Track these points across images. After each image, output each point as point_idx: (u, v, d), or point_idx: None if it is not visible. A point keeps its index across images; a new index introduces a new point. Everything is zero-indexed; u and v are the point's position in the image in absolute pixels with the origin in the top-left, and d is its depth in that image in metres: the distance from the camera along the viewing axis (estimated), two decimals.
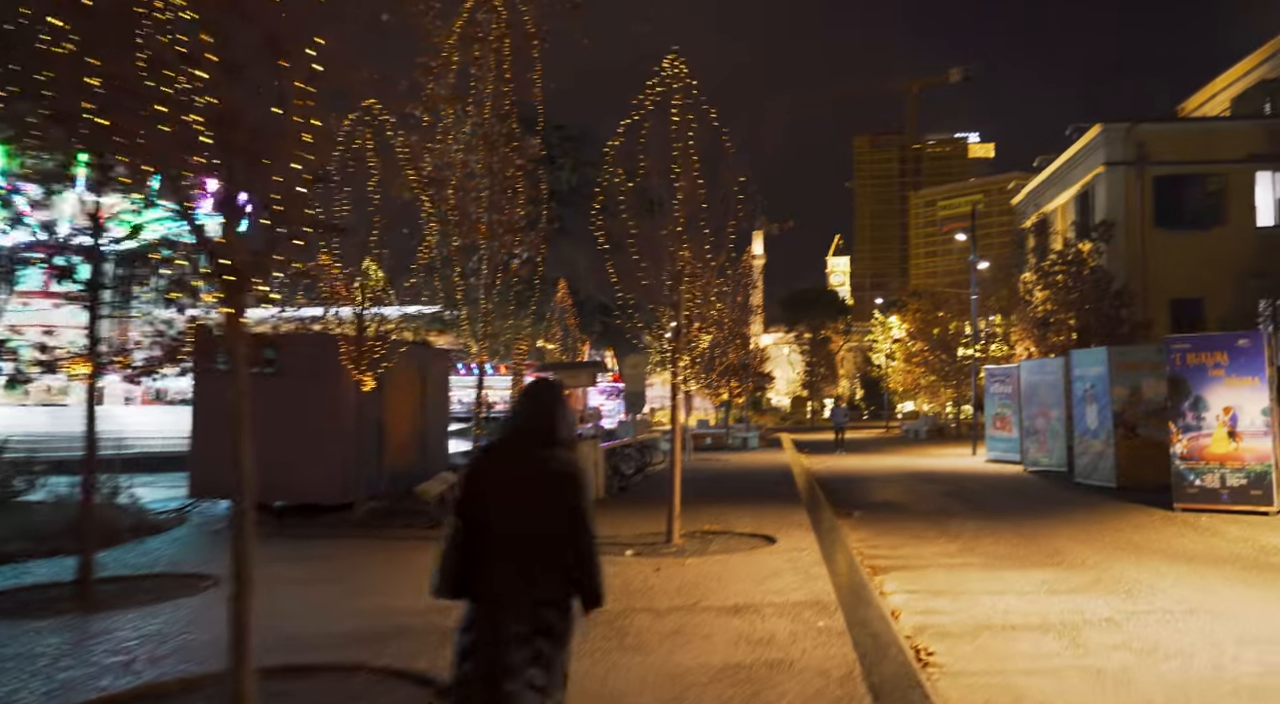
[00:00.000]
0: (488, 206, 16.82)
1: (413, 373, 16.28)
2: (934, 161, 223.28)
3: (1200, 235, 28.83)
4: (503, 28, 16.84)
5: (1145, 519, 12.31)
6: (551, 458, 3.41)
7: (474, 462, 3.57)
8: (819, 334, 66.15)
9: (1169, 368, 13.02)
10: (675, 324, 10.41)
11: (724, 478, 19.63)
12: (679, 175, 10.35)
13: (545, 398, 3.57)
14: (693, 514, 12.99)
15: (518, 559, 3.31)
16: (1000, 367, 24.44)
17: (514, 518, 3.34)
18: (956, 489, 16.97)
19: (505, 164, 16.82)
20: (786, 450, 29.24)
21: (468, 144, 16.76)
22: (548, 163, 37.74)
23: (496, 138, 16.61)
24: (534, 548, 3.33)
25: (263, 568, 10.03)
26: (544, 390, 3.62)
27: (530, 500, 3.36)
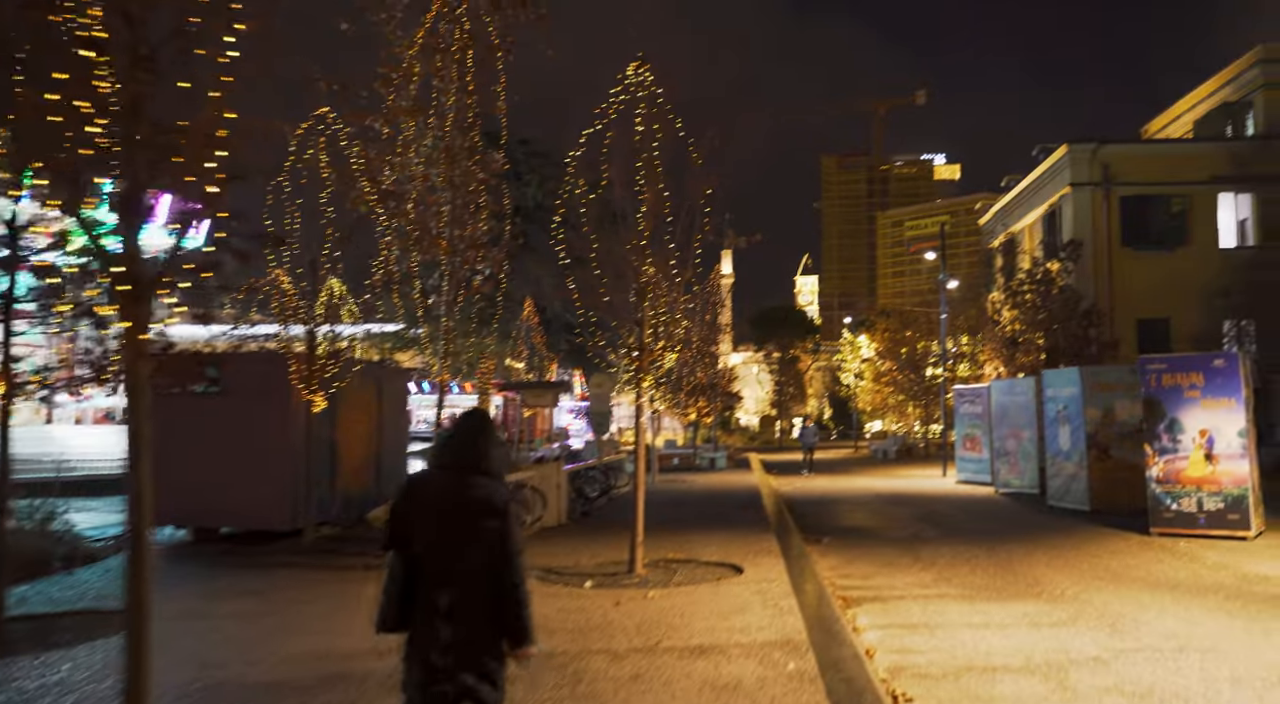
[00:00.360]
0: (449, 221, 16.31)
1: (368, 392, 15.66)
2: (901, 182, 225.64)
3: (1166, 256, 29.00)
4: (465, 38, 16.39)
5: (1122, 545, 11.97)
6: (479, 488, 3.34)
7: (401, 493, 3.48)
8: (788, 353, 66.01)
9: (1144, 389, 12.74)
10: (639, 342, 9.93)
11: (690, 501, 19.14)
12: (644, 187, 9.92)
13: (474, 427, 3.50)
14: (657, 540, 12.48)
15: (447, 593, 3.24)
16: (970, 386, 24.22)
17: (442, 550, 3.28)
18: (928, 512, 16.59)
19: (467, 178, 16.34)
20: (755, 471, 28.80)
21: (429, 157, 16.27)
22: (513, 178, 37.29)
23: (458, 151, 16.14)
24: (463, 581, 3.26)
25: (194, 602, 9.45)
26: (473, 420, 3.54)
27: (457, 532, 3.28)
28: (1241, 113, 31.43)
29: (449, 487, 3.37)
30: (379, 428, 16.05)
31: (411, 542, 3.33)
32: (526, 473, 14.33)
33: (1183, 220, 29.45)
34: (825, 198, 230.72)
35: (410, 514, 3.38)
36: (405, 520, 3.38)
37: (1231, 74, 31.62)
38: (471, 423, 3.53)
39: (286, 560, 11.65)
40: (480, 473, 3.38)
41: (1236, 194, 29.31)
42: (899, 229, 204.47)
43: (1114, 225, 29.38)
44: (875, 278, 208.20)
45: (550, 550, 11.90)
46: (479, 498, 3.32)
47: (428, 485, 3.46)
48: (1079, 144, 29.70)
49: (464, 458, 3.41)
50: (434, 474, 3.49)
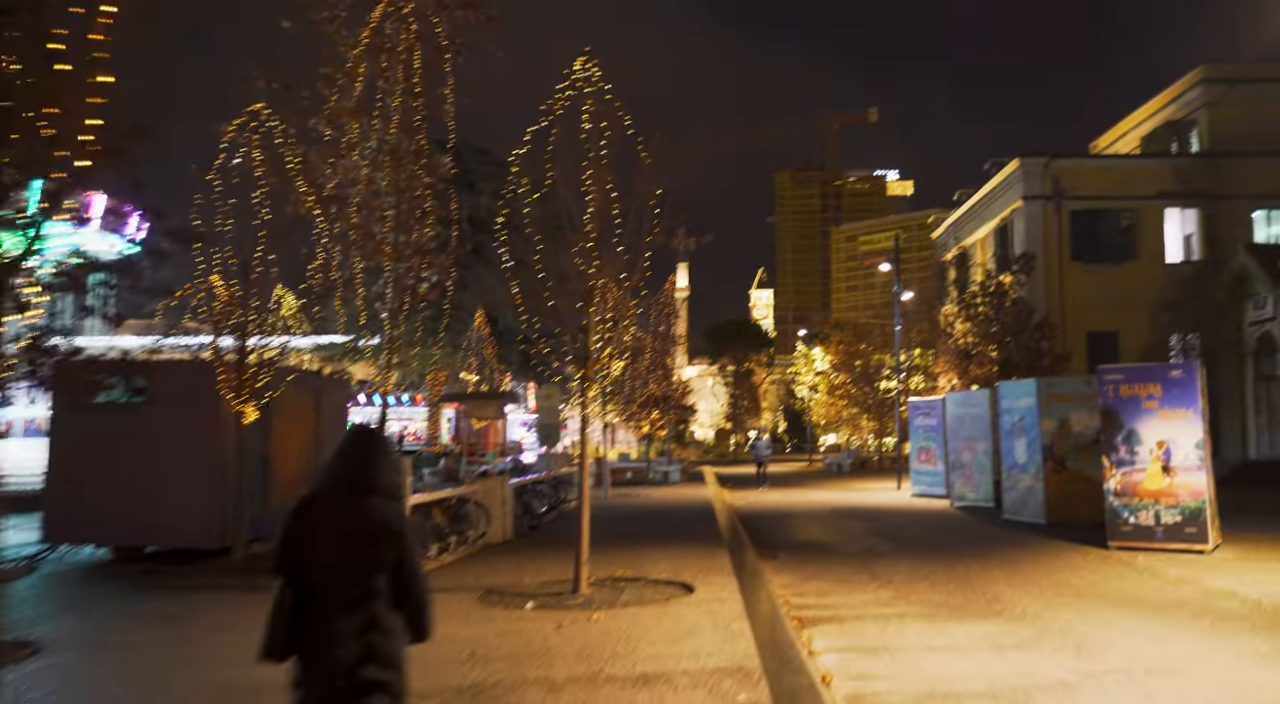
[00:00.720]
0: (394, 226, 15.72)
1: (305, 402, 14.96)
2: (854, 198, 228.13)
3: (1114, 270, 29.28)
4: (412, 38, 15.84)
5: (1081, 560, 11.71)
6: (375, 509, 3.22)
7: (291, 515, 3.29)
8: (742, 366, 65.94)
9: (1101, 400, 12.54)
10: (584, 349, 9.44)
11: (642, 515, 18.65)
12: (590, 187, 9.46)
13: (366, 444, 3.38)
14: (606, 557, 11.96)
15: (341, 615, 3.10)
16: (924, 399, 24.08)
17: (339, 574, 3.15)
18: (883, 526, 16.28)
19: (413, 182, 15.77)
20: (709, 485, 28.41)
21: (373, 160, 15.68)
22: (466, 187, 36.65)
23: (404, 154, 15.57)
24: (357, 603, 3.12)
25: (102, 630, 8.73)
26: (365, 437, 3.43)
27: (354, 555, 3.15)
28: (1186, 130, 31.94)
29: (343, 509, 3.23)
30: (316, 440, 15.33)
31: (303, 566, 3.18)
32: (470, 487, 13.73)
33: (1131, 235, 29.80)
34: (780, 212, 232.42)
35: (302, 537, 3.22)
36: (297, 544, 3.22)
37: (1176, 92, 32.14)
38: (362, 441, 3.40)
39: (211, 582, 10.91)
40: (374, 493, 3.26)
41: (1182, 209, 29.72)
42: (853, 244, 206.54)
43: (1064, 239, 29.62)
44: (829, 292, 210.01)
45: (492, 569, 11.33)
46: (375, 520, 3.20)
47: (320, 507, 3.27)
48: (1031, 158, 29.93)
49: (356, 478, 3.27)
50: (325, 496, 3.29)
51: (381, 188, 15.83)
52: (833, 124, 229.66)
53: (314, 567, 3.16)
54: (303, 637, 3.13)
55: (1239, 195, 29.03)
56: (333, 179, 15.08)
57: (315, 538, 3.19)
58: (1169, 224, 29.87)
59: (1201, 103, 30.91)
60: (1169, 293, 28.44)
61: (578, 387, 9.69)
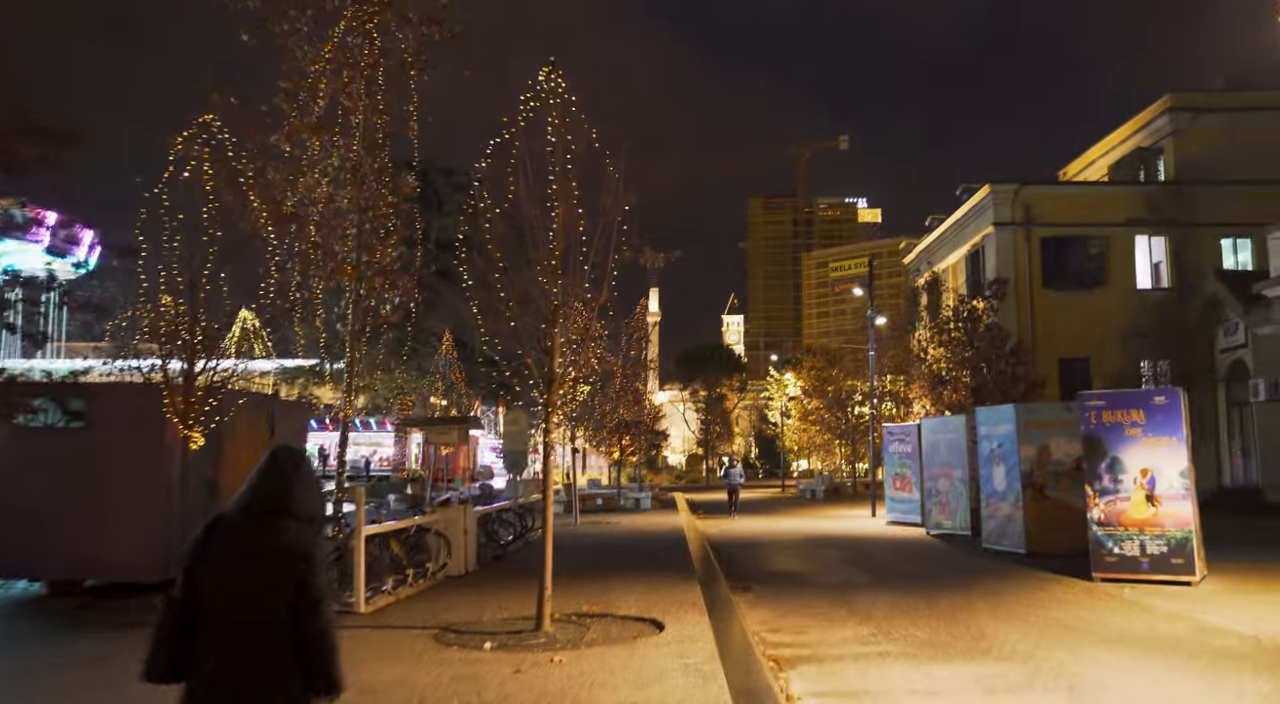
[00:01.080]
0: (355, 246, 15.18)
1: (258, 427, 14.27)
2: (825, 224, 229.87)
3: (1085, 296, 29.29)
4: (376, 54, 15.39)
5: (1066, 592, 11.28)
6: (283, 532, 3.13)
7: (197, 537, 3.19)
8: (714, 391, 65.58)
9: (1084, 427, 12.18)
10: (548, 372, 8.92)
11: (611, 544, 18.04)
12: (555, 202, 8.98)
13: (284, 466, 3.27)
14: (572, 590, 11.39)
15: (242, 645, 3.00)
16: (899, 425, 23.73)
17: (240, 598, 3.05)
18: (859, 556, 15.80)
19: (376, 200, 15.26)
20: (681, 512, 27.82)
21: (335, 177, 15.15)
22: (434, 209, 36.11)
23: (367, 172, 15.06)
24: (260, 632, 3.02)
25: (23, 675, 8.03)
26: (283, 458, 3.31)
27: (257, 579, 3.07)
28: (1153, 158, 32.18)
29: (251, 530, 3.13)
30: None
31: (203, 587, 3.08)
32: (430, 517, 13.08)
33: (1101, 262, 29.86)
34: (751, 238, 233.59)
35: (205, 558, 3.11)
36: (199, 565, 3.11)
37: (1143, 121, 32.40)
38: (279, 462, 3.27)
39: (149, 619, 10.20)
40: (287, 516, 3.16)
41: (1151, 237, 29.85)
42: (824, 270, 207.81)
43: (1035, 265, 29.63)
44: (801, 318, 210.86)
45: (451, 604, 10.70)
46: (282, 543, 3.11)
47: (227, 530, 3.16)
48: (1001, 184, 29.96)
49: (270, 500, 3.17)
50: (235, 517, 3.19)
51: (343, 206, 15.31)
52: (803, 152, 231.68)
53: (214, 588, 3.05)
54: (197, 661, 3.03)
55: (1207, 223, 29.22)
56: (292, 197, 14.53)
57: (218, 559, 3.09)
58: (1138, 251, 29.98)
59: (1168, 131, 31.16)
60: (1139, 319, 28.46)
61: (541, 411, 9.15)
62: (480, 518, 15.61)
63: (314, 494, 3.31)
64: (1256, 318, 23.67)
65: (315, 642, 3.06)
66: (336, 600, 10.38)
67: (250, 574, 3.06)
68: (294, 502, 3.19)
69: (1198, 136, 30.75)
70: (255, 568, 3.07)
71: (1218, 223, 29.48)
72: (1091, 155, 36.59)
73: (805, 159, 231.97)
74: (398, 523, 12.01)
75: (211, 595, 3.06)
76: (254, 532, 3.12)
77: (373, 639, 8.68)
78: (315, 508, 3.29)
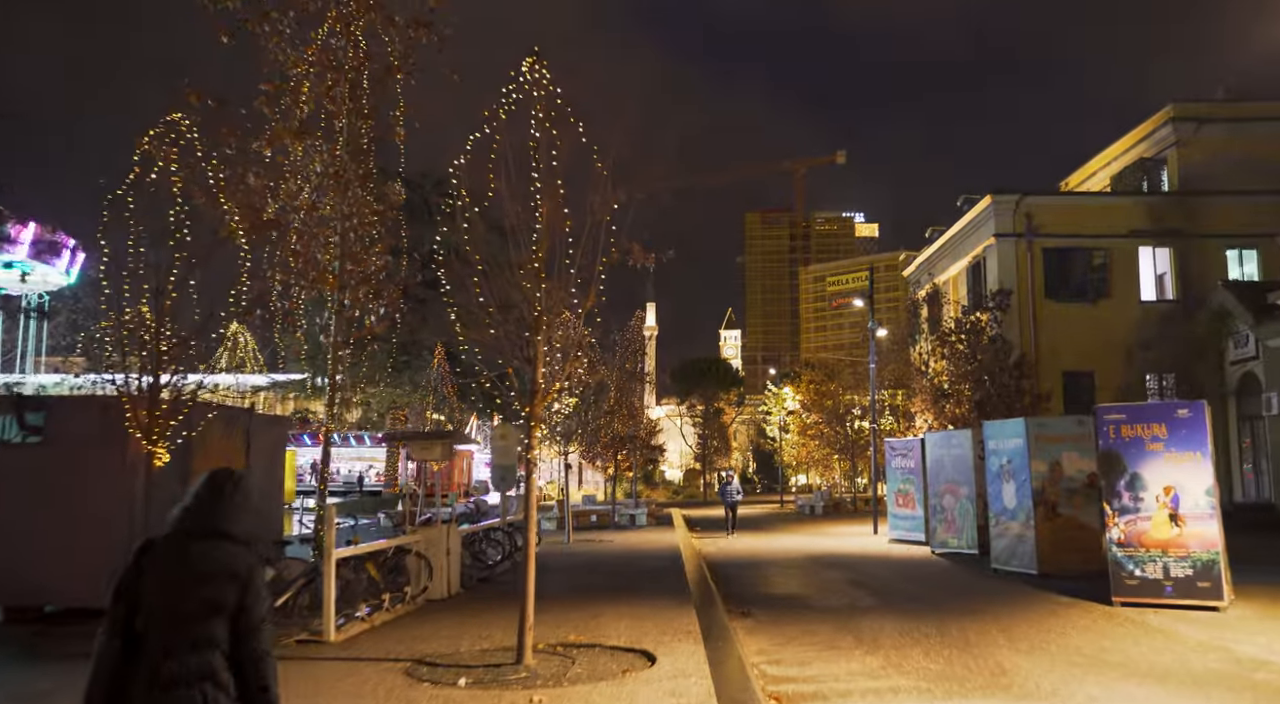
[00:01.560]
0: (339, 254, 14.56)
1: (233, 442, 13.60)
2: (823, 239, 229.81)
3: (1089, 308, 28.74)
4: (360, 57, 14.83)
5: (1086, 618, 10.59)
6: (220, 553, 3.11)
7: (130, 560, 3.15)
8: (711, 406, 64.88)
9: (1101, 442, 11.52)
10: (530, 382, 8.27)
11: (604, 564, 17.32)
12: (539, 201, 8.36)
13: (218, 487, 3.26)
14: (560, 616, 10.71)
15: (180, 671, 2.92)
16: (902, 439, 23.04)
17: (168, 617, 2.98)
18: (864, 577, 15.10)
19: (360, 207, 14.66)
20: (677, 529, 27.08)
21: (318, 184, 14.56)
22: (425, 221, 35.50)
23: (350, 178, 14.47)
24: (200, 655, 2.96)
25: None
26: (220, 479, 3.31)
27: (194, 602, 3.00)
28: (1156, 169, 31.71)
29: (186, 551, 3.11)
30: None
31: (140, 613, 3.02)
32: (411, 537, 12.38)
33: (1104, 273, 29.32)
34: (749, 253, 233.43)
35: (138, 581, 3.07)
36: (132, 588, 3.07)
37: (1145, 131, 31.95)
38: (216, 483, 3.26)
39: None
40: (224, 537, 3.15)
41: (1155, 248, 29.33)
42: (821, 284, 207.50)
43: (1038, 277, 29.08)
44: (798, 332, 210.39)
45: (428, 632, 9.99)
46: (219, 565, 3.08)
47: (163, 552, 3.13)
48: (1002, 195, 29.44)
49: (206, 521, 3.16)
50: (171, 539, 3.16)
51: (325, 213, 14.71)
52: (799, 167, 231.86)
53: (150, 614, 3.00)
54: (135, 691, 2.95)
55: (1211, 234, 28.74)
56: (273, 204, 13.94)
57: (152, 584, 3.03)
58: (1143, 263, 29.44)
59: (1171, 141, 30.71)
60: (1144, 332, 27.94)
61: (523, 425, 8.49)
62: (466, 537, 14.92)
63: (252, 516, 3.27)
64: (1268, 329, 23.07)
65: (253, 665, 3.04)
66: (306, 629, 9.68)
67: (187, 598, 3.02)
68: (230, 523, 3.17)
69: (1201, 147, 30.33)
70: (192, 591, 3.02)
71: (1222, 233, 28.98)
72: (1093, 166, 36.13)
73: (801, 174, 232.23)
74: (374, 545, 11.31)
75: (147, 621, 3.00)
76: (187, 552, 3.08)
77: (338, 673, 7.98)
78: (253, 529, 3.27)
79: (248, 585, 3.09)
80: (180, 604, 3.01)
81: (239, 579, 3.08)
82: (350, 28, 14.44)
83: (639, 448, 33.52)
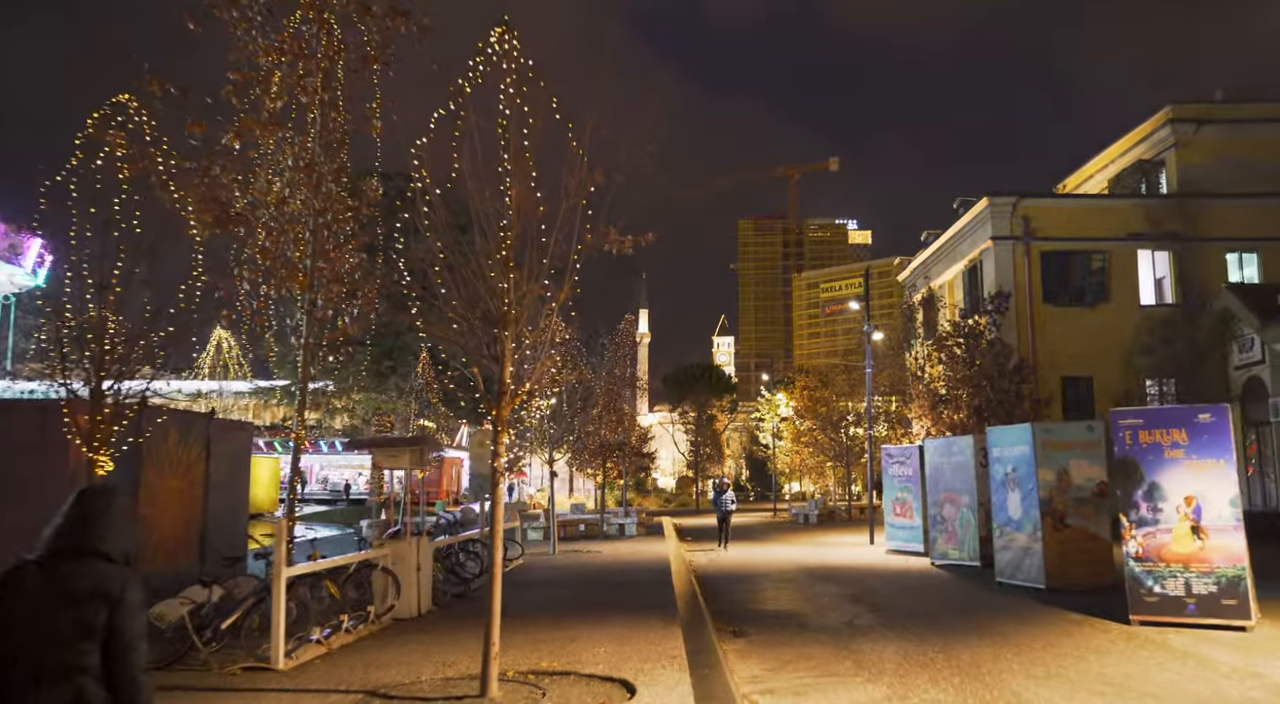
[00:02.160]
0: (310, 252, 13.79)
1: (189, 450, 12.79)
2: (816, 245, 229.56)
3: (1087, 312, 28.14)
4: (335, 45, 14.08)
5: (1103, 638, 9.81)
6: (91, 574, 2.97)
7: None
8: (704, 412, 64.07)
9: (1117, 448, 10.76)
10: (498, 382, 7.48)
11: (588, 578, 16.50)
12: (509, 183, 7.59)
13: (91, 505, 3.09)
14: (533, 637, 9.92)
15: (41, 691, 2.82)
16: (899, 446, 22.25)
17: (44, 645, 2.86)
18: (862, 591, 14.31)
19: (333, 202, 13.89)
20: (668, 538, 26.25)
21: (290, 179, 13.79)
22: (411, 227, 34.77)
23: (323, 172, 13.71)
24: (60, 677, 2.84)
25: None
26: (91, 496, 3.13)
27: (54, 619, 2.88)
28: (1154, 171, 31.13)
29: (54, 571, 2.96)
30: (205, 494, 13.13)
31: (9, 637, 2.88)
32: (377, 551, 11.55)
33: (1103, 277, 28.72)
34: (742, 259, 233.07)
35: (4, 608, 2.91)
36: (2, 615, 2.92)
37: (1144, 133, 31.36)
38: (88, 501, 3.10)
39: None
40: (96, 557, 3.01)
41: (1154, 251, 28.74)
42: (814, 291, 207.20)
43: (1035, 280, 28.48)
44: (792, 339, 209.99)
45: (389, 657, 9.17)
46: (90, 585, 2.93)
47: (31, 573, 2.96)
48: (999, 197, 28.82)
49: (76, 540, 3.01)
50: (41, 560, 2.98)
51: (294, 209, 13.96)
52: (793, 173, 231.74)
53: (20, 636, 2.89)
54: None
55: (1211, 237, 28.17)
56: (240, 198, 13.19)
57: (18, 605, 2.92)
58: (1142, 266, 28.84)
59: (1170, 143, 30.12)
60: (1144, 337, 27.33)
61: (490, 429, 7.71)
62: (442, 551, 14.10)
63: (126, 534, 3.14)
64: (1275, 332, 22.40)
65: (126, 688, 2.94)
66: (254, 655, 8.85)
67: (55, 621, 2.91)
68: (103, 542, 3.06)
69: (1200, 148, 29.76)
70: (61, 614, 2.92)
71: (1223, 237, 28.42)
72: (1089, 170, 35.52)
73: (795, 180, 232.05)
74: (334, 560, 10.47)
75: (15, 647, 2.90)
76: (56, 572, 2.98)
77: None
78: (127, 547, 3.14)
79: (121, 605, 2.97)
80: (49, 628, 2.91)
81: (110, 599, 2.96)
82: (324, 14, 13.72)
83: (629, 455, 32.68)
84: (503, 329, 7.43)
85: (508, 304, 7.41)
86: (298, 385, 34.43)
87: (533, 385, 7.50)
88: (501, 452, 7.52)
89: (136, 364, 10.41)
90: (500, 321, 7.45)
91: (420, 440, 12.53)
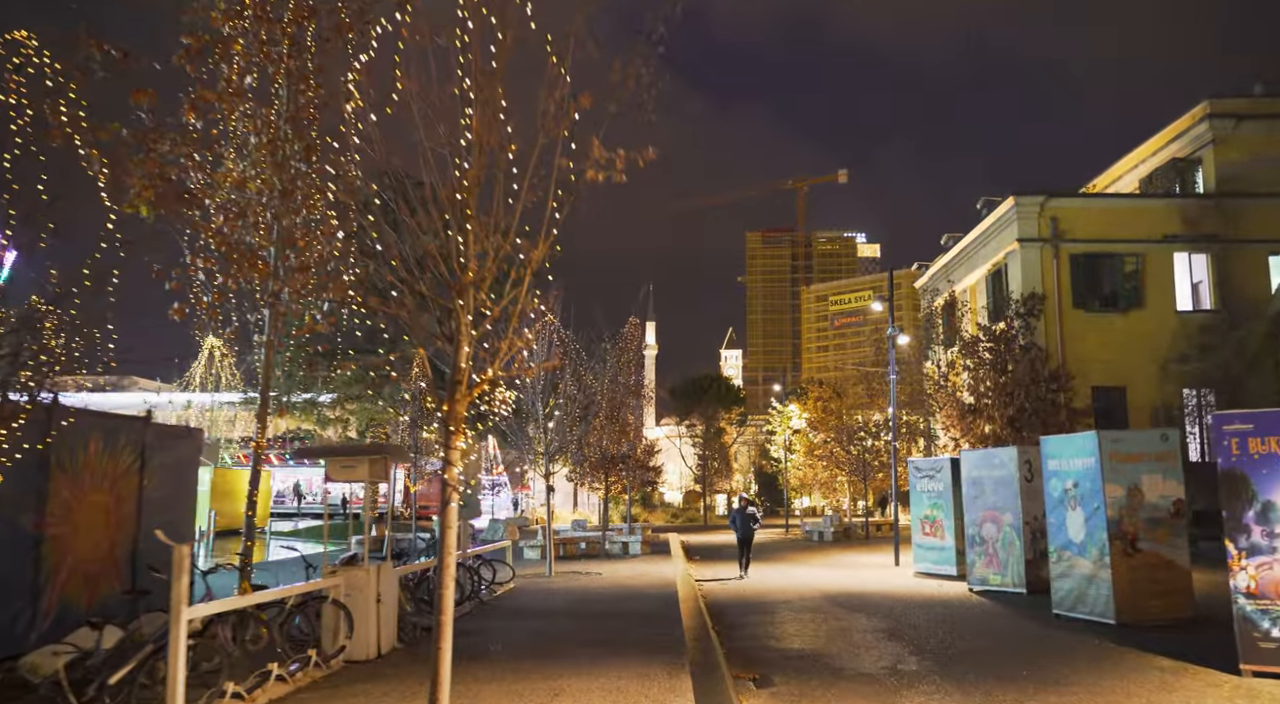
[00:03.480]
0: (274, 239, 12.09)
1: (117, 459, 11.01)
2: (825, 258, 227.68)
3: (1119, 318, 26.33)
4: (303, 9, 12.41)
5: (1209, 693, 7.94)
6: None
7: None
8: (712, 425, 62.13)
9: (1221, 459, 8.91)
10: (451, 370, 5.71)
11: (584, 607, 14.63)
12: (470, 113, 5.85)
13: None
14: (509, 688, 8.07)
15: None
16: (927, 459, 20.36)
17: None
18: (898, 625, 12.43)
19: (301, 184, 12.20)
20: (675, 558, 24.34)
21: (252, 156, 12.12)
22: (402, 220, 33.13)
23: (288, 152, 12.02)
24: None
25: None
26: None
27: None
28: (1190, 169, 29.33)
29: None
30: (138, 510, 11.33)
31: None
32: (328, 581, 9.70)
33: (1137, 281, 26.89)
34: (750, 272, 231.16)
35: None
36: None
37: (1179, 129, 29.56)
38: None
39: None
40: None
41: (1190, 254, 26.93)
42: (823, 304, 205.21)
43: (1064, 285, 26.68)
44: (800, 352, 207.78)
45: None
46: None
47: None
48: (1026, 196, 27.05)
49: None
50: None
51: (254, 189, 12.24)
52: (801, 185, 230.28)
53: None
54: None
55: (1252, 239, 26.35)
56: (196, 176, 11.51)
57: None
58: (1178, 269, 27.01)
59: (1208, 139, 28.32)
60: (1181, 344, 25.49)
61: (441, 427, 5.94)
62: (412, 578, 12.28)
63: None
64: None
65: None
66: None
67: None
68: None
69: (1239, 145, 27.97)
70: None
71: (1265, 238, 26.58)
72: (1119, 170, 33.68)
73: (804, 193, 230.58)
74: (265, 594, 8.62)
75: None
76: None
77: None
78: None
79: None
80: None
81: None
82: None
83: (634, 468, 30.83)
84: (457, 297, 5.65)
85: (464, 263, 5.64)
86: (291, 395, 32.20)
87: (496, 371, 5.73)
88: (455, 459, 5.72)
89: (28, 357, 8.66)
90: (455, 289, 5.67)
91: (382, 449, 10.73)
